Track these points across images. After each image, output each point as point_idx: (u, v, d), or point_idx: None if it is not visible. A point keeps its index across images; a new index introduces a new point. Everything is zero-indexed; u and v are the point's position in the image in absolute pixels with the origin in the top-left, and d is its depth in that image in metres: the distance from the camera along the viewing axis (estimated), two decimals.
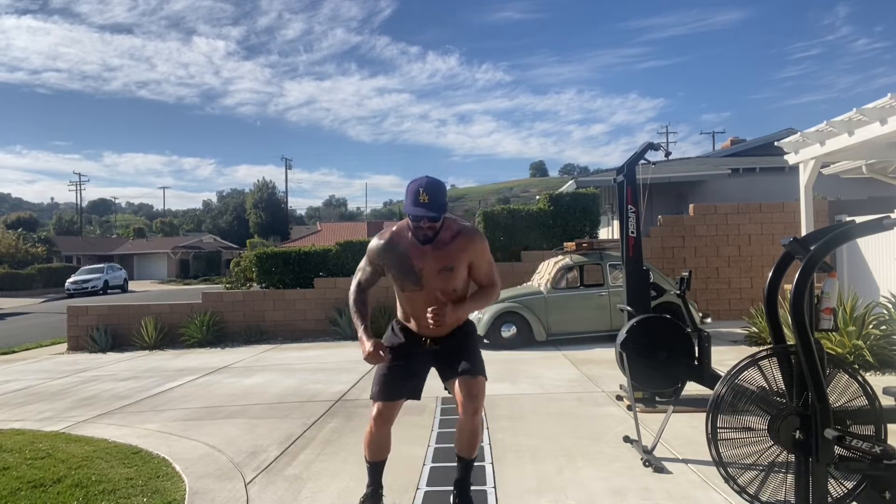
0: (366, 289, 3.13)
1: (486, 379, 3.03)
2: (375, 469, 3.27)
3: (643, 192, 5.73)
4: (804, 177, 9.21)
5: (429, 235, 2.90)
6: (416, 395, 3.14)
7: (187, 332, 11.70)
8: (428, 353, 3.12)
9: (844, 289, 7.92)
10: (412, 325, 3.14)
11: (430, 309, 2.86)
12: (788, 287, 2.76)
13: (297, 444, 4.81)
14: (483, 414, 2.86)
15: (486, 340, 9.42)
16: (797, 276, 2.61)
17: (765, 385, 2.77)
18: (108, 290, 35.22)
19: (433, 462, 4.15)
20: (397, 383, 3.08)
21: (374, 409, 3.08)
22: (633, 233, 5.51)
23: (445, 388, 3.17)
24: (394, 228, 3.07)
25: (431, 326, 2.92)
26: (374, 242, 3.07)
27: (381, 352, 2.88)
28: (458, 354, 3.04)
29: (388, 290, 11.89)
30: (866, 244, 9.30)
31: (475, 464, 4.14)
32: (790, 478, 2.67)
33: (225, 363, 9.40)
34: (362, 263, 3.15)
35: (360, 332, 2.96)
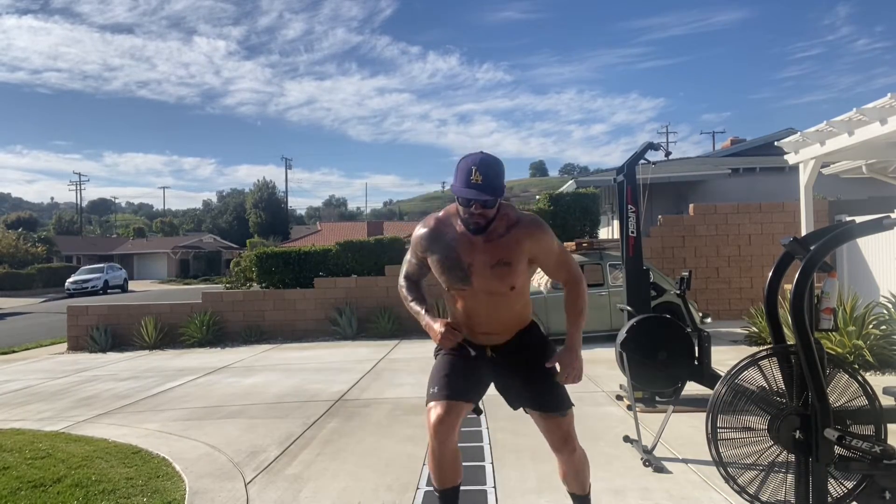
0: (416, 280, 2.72)
1: (573, 406, 2.60)
2: (446, 499, 2.58)
3: (643, 191, 5.73)
4: (804, 177, 9.20)
5: (480, 224, 2.41)
6: (477, 399, 2.60)
7: (187, 332, 11.70)
8: (490, 363, 2.62)
9: (844, 289, 7.92)
10: (465, 331, 2.62)
11: (560, 375, 2.47)
12: (788, 287, 2.76)
13: (297, 443, 4.81)
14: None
15: None
16: (797, 276, 2.61)
17: (765, 385, 2.77)
18: (108, 290, 35.22)
19: None
20: (466, 381, 2.53)
21: (432, 414, 2.43)
22: (633, 233, 5.51)
23: (512, 408, 2.70)
24: (439, 214, 2.61)
25: (570, 382, 2.48)
26: (418, 231, 2.62)
27: (454, 329, 2.46)
28: (530, 374, 2.56)
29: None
30: (866, 244, 9.30)
31: (475, 464, 4.14)
32: (790, 478, 2.67)
33: (225, 363, 9.40)
34: (408, 256, 2.73)
35: (423, 316, 2.54)
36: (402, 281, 2.73)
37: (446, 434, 2.41)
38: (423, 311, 2.57)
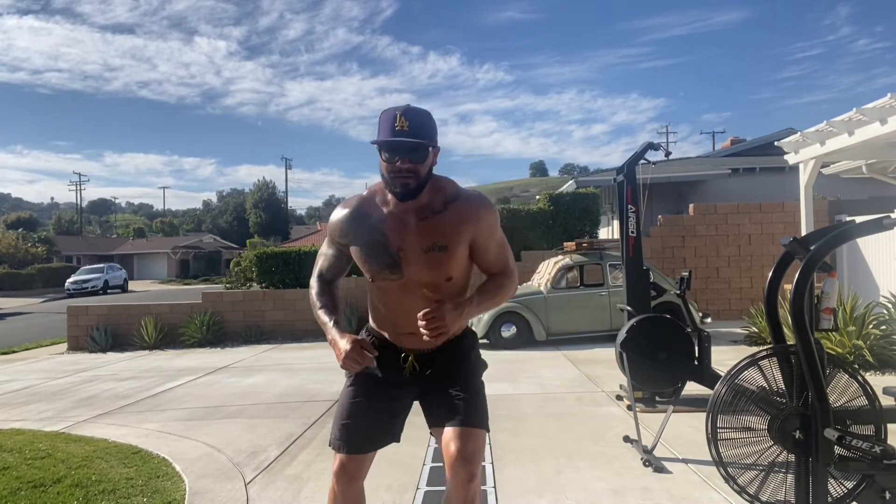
0: (330, 280, 2.27)
1: (488, 431, 2.17)
2: None
3: (643, 191, 5.73)
4: (804, 177, 9.20)
5: (409, 185, 1.97)
6: (396, 437, 2.26)
7: (187, 332, 11.70)
8: (411, 381, 2.22)
9: (844, 289, 7.92)
10: (388, 333, 2.25)
11: (422, 314, 1.92)
12: (788, 287, 2.76)
13: (297, 443, 4.81)
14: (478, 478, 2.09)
15: (485, 340, 9.42)
16: (797, 276, 2.61)
17: (765, 385, 2.77)
18: (108, 290, 35.22)
19: (433, 462, 4.15)
20: (370, 426, 2.18)
21: (336, 462, 2.16)
22: (633, 233, 5.51)
23: (431, 433, 2.30)
24: (363, 193, 2.19)
25: (427, 337, 1.95)
26: (336, 214, 2.18)
27: (362, 350, 2.00)
28: (450, 386, 2.16)
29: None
30: (866, 244, 9.30)
31: None
32: (790, 478, 2.67)
33: (225, 363, 9.40)
34: (322, 247, 2.29)
35: (330, 329, 2.10)
36: (312, 281, 2.27)
37: (350, 482, 2.15)
38: (330, 323, 2.12)
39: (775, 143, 9.97)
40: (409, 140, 1.93)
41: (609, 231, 18.29)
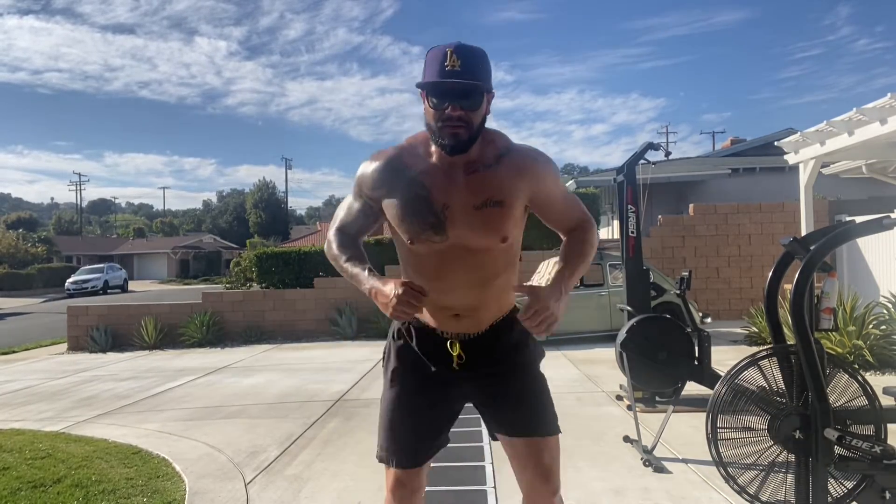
0: (353, 234, 1.93)
1: (560, 433, 1.96)
2: None
3: (643, 192, 5.74)
4: (804, 177, 9.21)
5: (460, 136, 1.68)
6: (446, 441, 2.01)
7: (187, 332, 11.70)
8: (460, 378, 1.93)
9: (844, 289, 7.92)
10: (427, 315, 1.91)
11: (524, 312, 1.66)
12: (788, 287, 2.76)
13: (297, 444, 4.81)
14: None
15: None
16: (797, 276, 2.61)
17: (765, 385, 2.77)
18: (108, 290, 35.23)
19: (433, 462, 4.14)
20: (421, 434, 1.92)
21: (390, 478, 1.91)
22: (633, 233, 5.51)
23: (491, 437, 2.04)
24: (402, 143, 1.87)
25: (538, 335, 1.74)
26: (366, 164, 1.86)
27: (413, 290, 1.64)
28: (507, 385, 1.91)
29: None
30: (866, 244, 9.30)
31: (475, 464, 4.13)
32: (790, 478, 2.67)
33: (225, 363, 9.41)
34: (346, 200, 1.96)
35: (365, 278, 1.77)
36: (331, 235, 1.94)
37: (407, 498, 1.92)
38: (364, 272, 1.78)
39: (775, 143, 9.97)
40: (461, 81, 1.64)
41: (609, 231, 18.29)
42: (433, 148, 1.77)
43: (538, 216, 1.92)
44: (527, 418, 1.89)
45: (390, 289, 1.66)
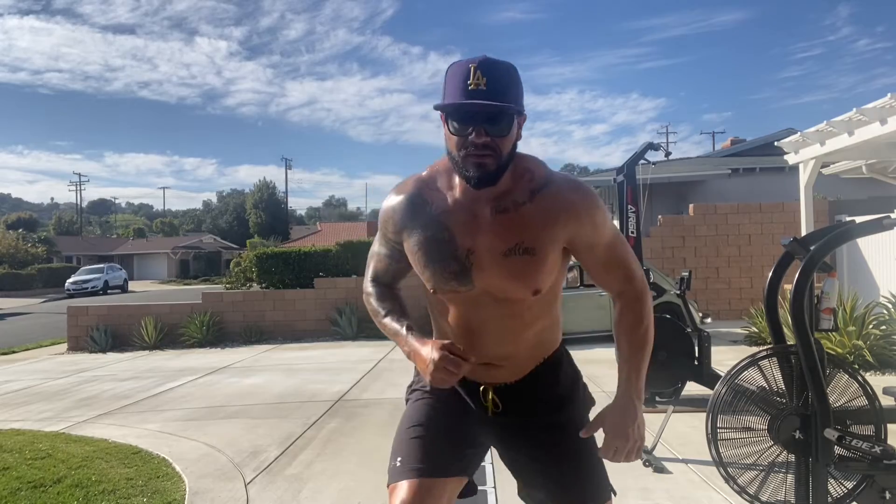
0: (390, 283, 1.78)
1: (610, 499, 1.83)
2: None
3: (643, 192, 5.74)
4: (804, 177, 9.21)
5: (487, 167, 1.44)
6: (470, 471, 1.70)
7: (187, 332, 11.70)
8: (489, 425, 1.70)
9: (844, 289, 7.92)
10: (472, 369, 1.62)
11: (607, 452, 1.59)
12: (788, 287, 2.76)
13: (297, 444, 4.81)
14: None
15: None
16: (797, 276, 2.61)
17: (765, 385, 2.77)
18: (108, 291, 35.23)
19: None
20: (449, 443, 1.65)
21: (395, 499, 1.56)
22: (633, 233, 5.51)
23: (520, 496, 1.81)
24: (422, 174, 1.64)
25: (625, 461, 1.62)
26: (388, 202, 1.66)
27: (454, 356, 1.45)
28: (552, 443, 1.66)
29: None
30: (866, 244, 9.30)
31: None
32: (790, 478, 2.67)
33: (225, 363, 9.41)
34: (374, 246, 1.77)
35: (405, 339, 1.57)
36: (368, 287, 1.78)
37: None
38: (403, 330, 1.60)
39: (775, 144, 9.97)
40: (488, 103, 1.40)
41: None
42: (456, 180, 1.54)
43: (579, 261, 1.64)
44: (582, 488, 1.68)
45: (427, 352, 1.48)
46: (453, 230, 1.54)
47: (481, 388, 1.67)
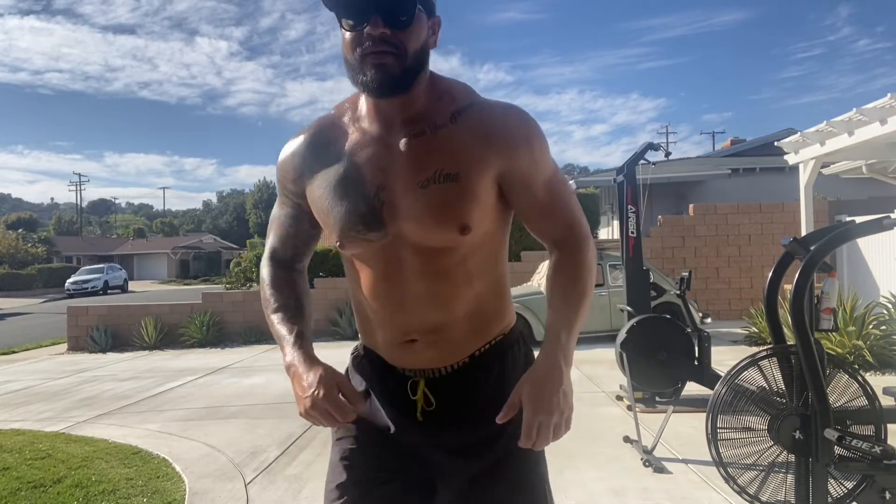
0: (288, 261, 1.45)
1: None
2: None
3: (643, 192, 5.74)
4: (804, 177, 9.21)
5: (388, 66, 1.19)
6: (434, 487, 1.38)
7: (187, 333, 11.70)
8: (427, 437, 1.36)
9: (844, 289, 7.92)
10: (380, 344, 1.39)
11: (524, 436, 1.22)
12: (788, 287, 2.77)
13: (297, 444, 4.81)
14: None
15: None
16: (797, 276, 2.61)
17: (765, 385, 2.77)
18: (108, 291, 35.24)
19: None
20: (380, 494, 1.35)
21: None
22: (633, 233, 5.51)
23: None
24: (328, 113, 1.38)
25: (531, 446, 1.23)
26: (287, 148, 1.39)
27: (340, 395, 1.26)
28: (494, 465, 1.34)
29: None
30: (866, 244, 9.30)
31: None
32: (790, 478, 2.67)
33: (225, 363, 9.41)
34: (275, 209, 1.46)
35: (289, 348, 1.35)
36: (263, 268, 1.46)
37: None
38: (290, 337, 1.35)
39: (775, 144, 9.98)
40: None
41: (609, 231, 18.29)
42: (364, 109, 1.29)
43: (513, 205, 1.34)
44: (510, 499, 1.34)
45: (310, 380, 1.27)
46: (361, 165, 1.27)
47: (410, 382, 1.36)
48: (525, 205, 1.33)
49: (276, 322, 1.38)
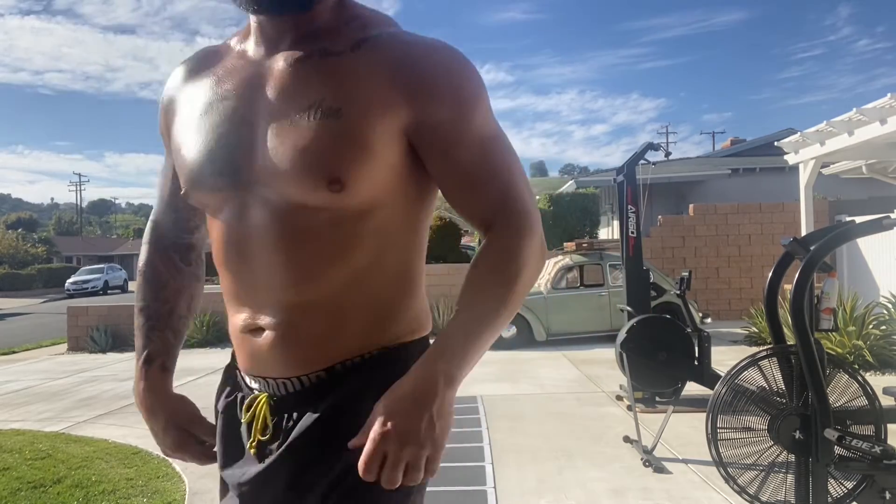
0: (173, 231, 1.22)
1: None
2: None
3: (643, 192, 5.74)
4: (804, 177, 9.21)
5: None
6: None
7: (187, 332, 11.70)
8: (259, 478, 1.02)
9: (844, 289, 7.92)
10: (232, 332, 1.09)
11: (354, 442, 0.85)
12: (788, 287, 2.77)
13: None
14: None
15: None
16: (797, 276, 2.61)
17: (765, 385, 2.77)
18: (109, 291, 35.23)
19: None
20: None
21: None
22: (633, 233, 5.51)
23: None
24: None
25: (389, 484, 0.82)
26: (165, 86, 1.13)
27: (191, 435, 1.19)
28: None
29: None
30: (866, 244, 9.30)
31: (475, 464, 4.14)
32: (790, 478, 2.68)
33: (225, 363, 9.39)
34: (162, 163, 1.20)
35: (135, 373, 1.18)
36: (143, 243, 1.24)
37: None
38: (139, 356, 1.18)
39: (775, 144, 9.98)
40: None
41: (609, 231, 18.29)
42: (257, 35, 1.02)
43: (430, 170, 0.99)
44: None
45: (156, 432, 1.13)
46: (225, 96, 1.00)
47: (241, 397, 1.08)
48: (443, 170, 0.98)
49: (135, 328, 1.16)
